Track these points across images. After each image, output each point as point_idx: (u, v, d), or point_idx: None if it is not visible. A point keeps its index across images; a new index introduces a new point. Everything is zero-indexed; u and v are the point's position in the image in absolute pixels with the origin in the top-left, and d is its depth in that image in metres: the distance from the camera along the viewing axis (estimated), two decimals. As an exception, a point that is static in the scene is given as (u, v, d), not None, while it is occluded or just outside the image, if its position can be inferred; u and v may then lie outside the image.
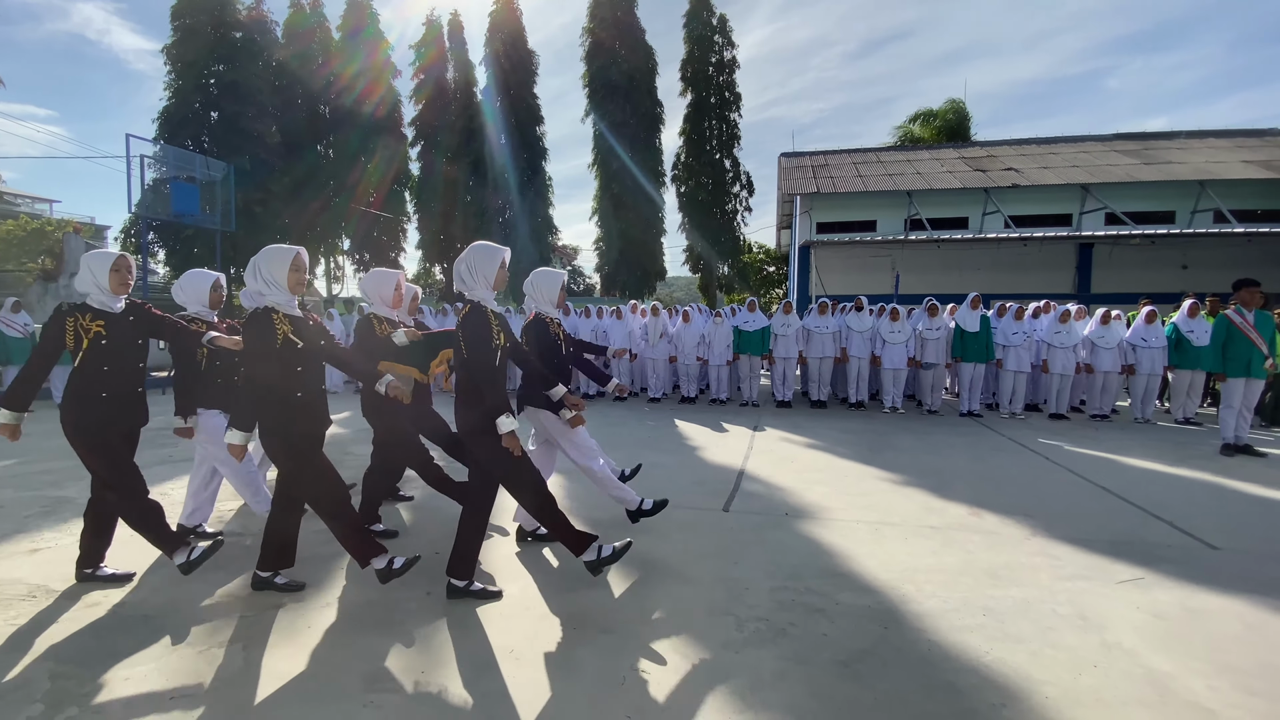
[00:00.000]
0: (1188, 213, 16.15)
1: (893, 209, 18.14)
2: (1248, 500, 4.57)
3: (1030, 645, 2.51)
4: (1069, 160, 18.23)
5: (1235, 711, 2.07)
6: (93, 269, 2.91)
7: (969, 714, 2.09)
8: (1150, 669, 2.33)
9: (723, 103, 21.72)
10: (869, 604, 2.88)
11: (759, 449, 6.34)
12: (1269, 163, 16.58)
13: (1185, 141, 19.15)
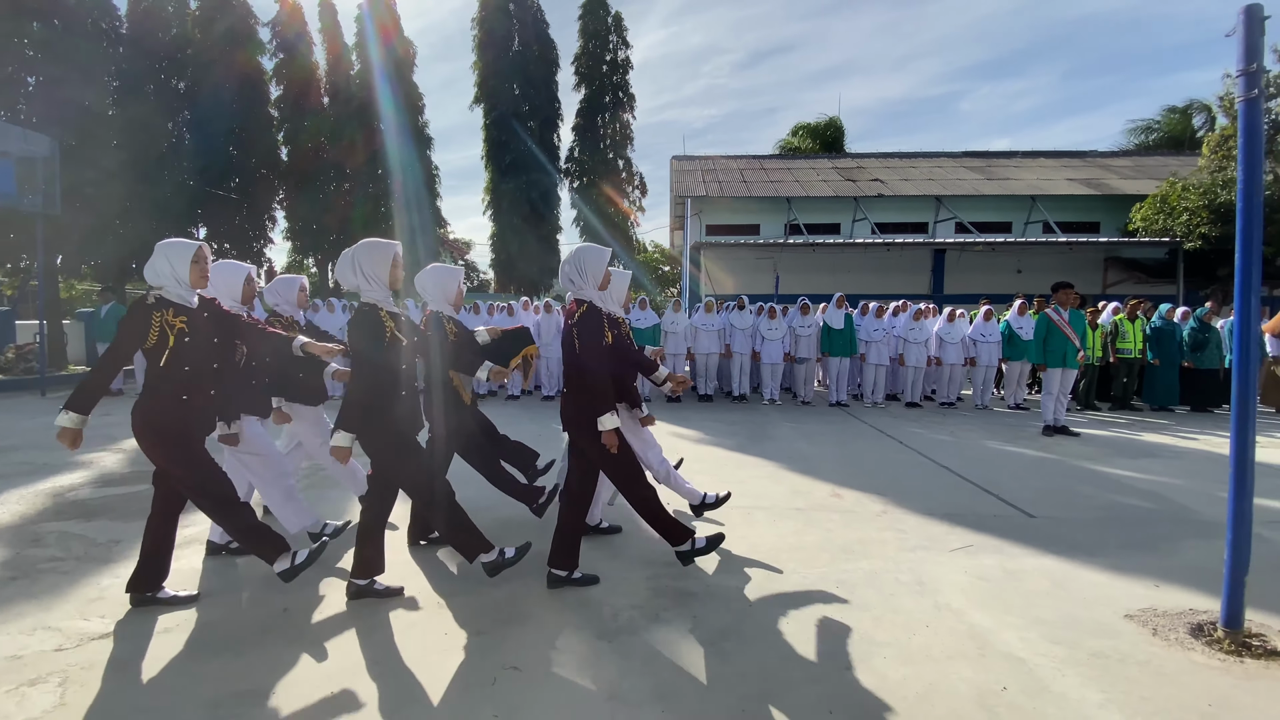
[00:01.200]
0: (1022, 223, 18.44)
1: (775, 214, 19.19)
2: (1062, 473, 5.29)
3: (874, 611, 2.75)
4: (926, 174, 20.18)
5: (1041, 659, 2.39)
6: (171, 259, 2.62)
7: (819, 679, 2.26)
8: (973, 625, 2.64)
9: (616, 102, 21.89)
10: (737, 584, 3.03)
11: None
12: (1089, 180, 19.30)
13: (1022, 160, 21.82)
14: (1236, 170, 7.68)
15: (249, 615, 2.76)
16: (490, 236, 21.94)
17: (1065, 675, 2.25)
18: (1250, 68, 2.42)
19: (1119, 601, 2.84)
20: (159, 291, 2.62)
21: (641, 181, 23.01)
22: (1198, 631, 2.56)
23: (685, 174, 20.94)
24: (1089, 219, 18.43)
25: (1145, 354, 8.72)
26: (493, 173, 21.11)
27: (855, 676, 2.27)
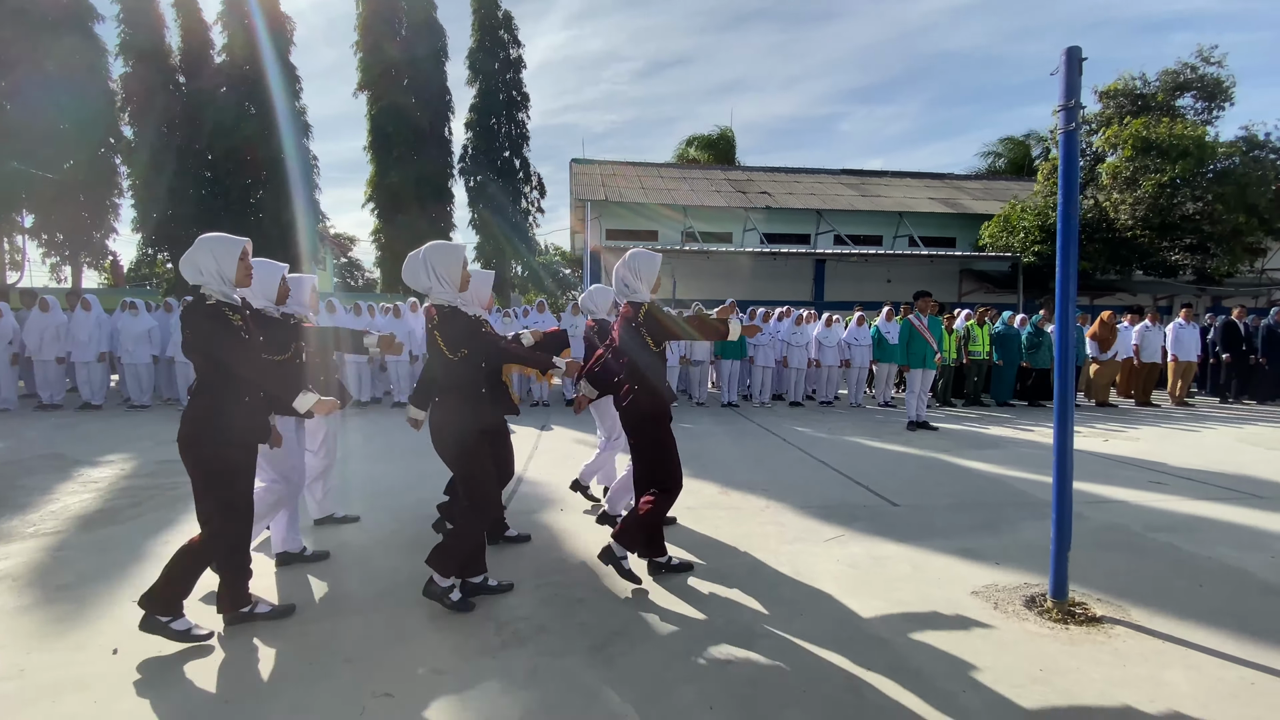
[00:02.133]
0: (891, 237, 20.14)
1: (672, 220, 19.64)
2: (922, 464, 5.79)
3: (756, 604, 2.85)
4: (808, 189, 21.52)
5: (902, 638, 2.58)
6: (216, 256, 2.43)
7: (700, 675, 2.29)
8: (844, 611, 2.80)
9: (511, 101, 21.42)
10: (627, 587, 3.02)
11: (544, 449, 6.35)
12: (946, 200, 21.42)
13: (891, 180, 23.83)
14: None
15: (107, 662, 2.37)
16: (374, 232, 20.64)
17: (921, 652, 2.44)
18: (1069, 104, 2.76)
19: (967, 580, 3.14)
20: (202, 290, 2.44)
21: (540, 182, 22.66)
22: (1031, 603, 2.87)
23: (585, 177, 20.92)
24: (947, 235, 20.48)
25: (991, 355, 9.80)
26: (378, 165, 19.88)
27: (735, 670, 2.32)
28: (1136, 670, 2.33)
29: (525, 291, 23.87)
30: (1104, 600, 2.90)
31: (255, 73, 17.69)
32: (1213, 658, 2.42)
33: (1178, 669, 2.33)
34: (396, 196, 19.61)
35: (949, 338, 9.33)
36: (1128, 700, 2.14)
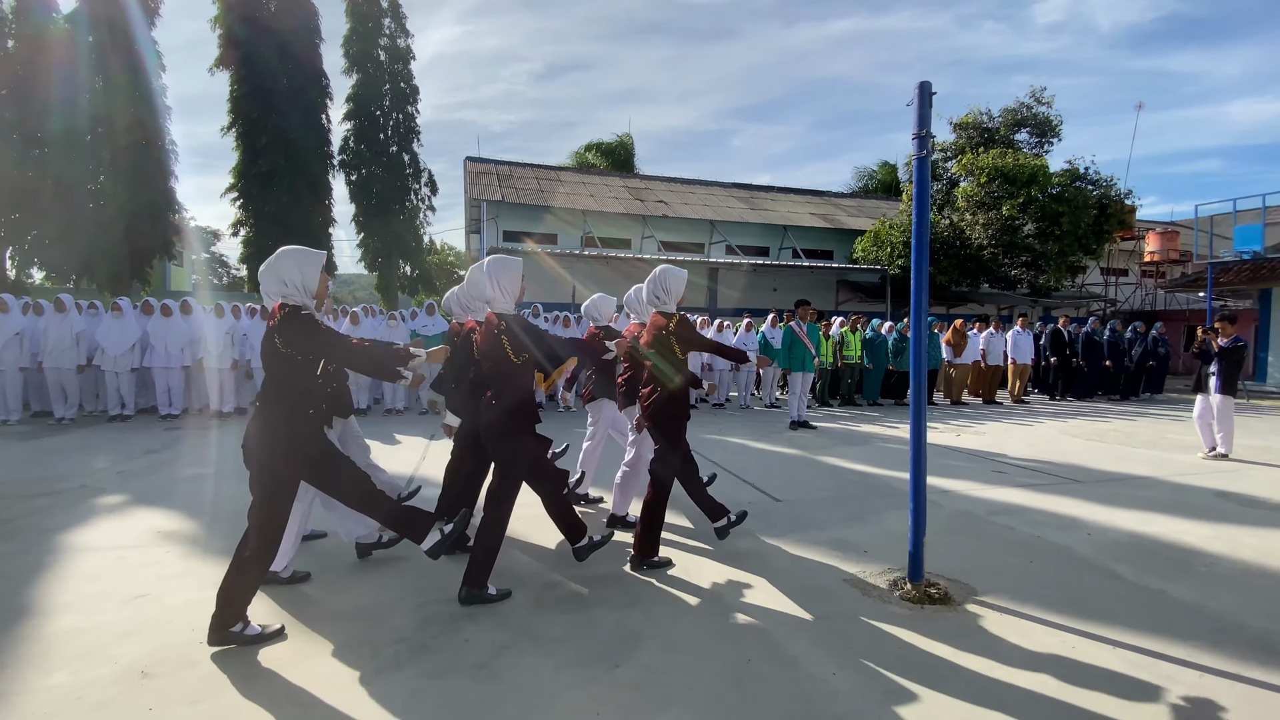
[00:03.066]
0: (777, 249, 21.31)
1: (571, 225, 19.57)
2: (802, 461, 6.15)
3: (644, 605, 2.88)
4: (702, 200, 22.29)
5: (781, 628, 2.71)
6: (303, 268, 2.51)
7: (587, 682, 2.28)
8: (727, 605, 2.91)
9: (399, 94, 20.39)
10: (517, 598, 2.95)
11: (434, 459, 6.08)
12: (825, 215, 22.98)
13: (777, 195, 25.22)
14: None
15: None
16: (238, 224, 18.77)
17: (798, 640, 2.58)
18: (921, 133, 3.05)
19: (840, 569, 3.37)
20: (287, 299, 2.50)
21: (431, 179, 21.74)
22: (894, 586, 3.13)
23: (480, 177, 20.33)
24: (825, 247, 22.00)
25: (863, 359, 10.64)
26: (244, 153, 18.11)
27: (621, 674, 2.33)
28: (979, 641, 2.60)
29: (415, 293, 22.73)
30: (954, 580, 3.21)
31: (104, 41, 15.50)
32: (1041, 625, 2.75)
33: (1013, 637, 2.64)
34: (266, 187, 17.97)
35: (826, 343, 10.02)
36: (972, 667, 2.38)
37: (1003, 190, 15.73)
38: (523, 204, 18.67)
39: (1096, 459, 6.41)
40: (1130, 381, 12.43)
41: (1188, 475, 5.69)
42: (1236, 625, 2.76)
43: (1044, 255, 16.40)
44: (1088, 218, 15.77)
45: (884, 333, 10.80)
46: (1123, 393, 12.32)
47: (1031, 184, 15.51)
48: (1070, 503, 4.72)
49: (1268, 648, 2.56)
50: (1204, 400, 6.67)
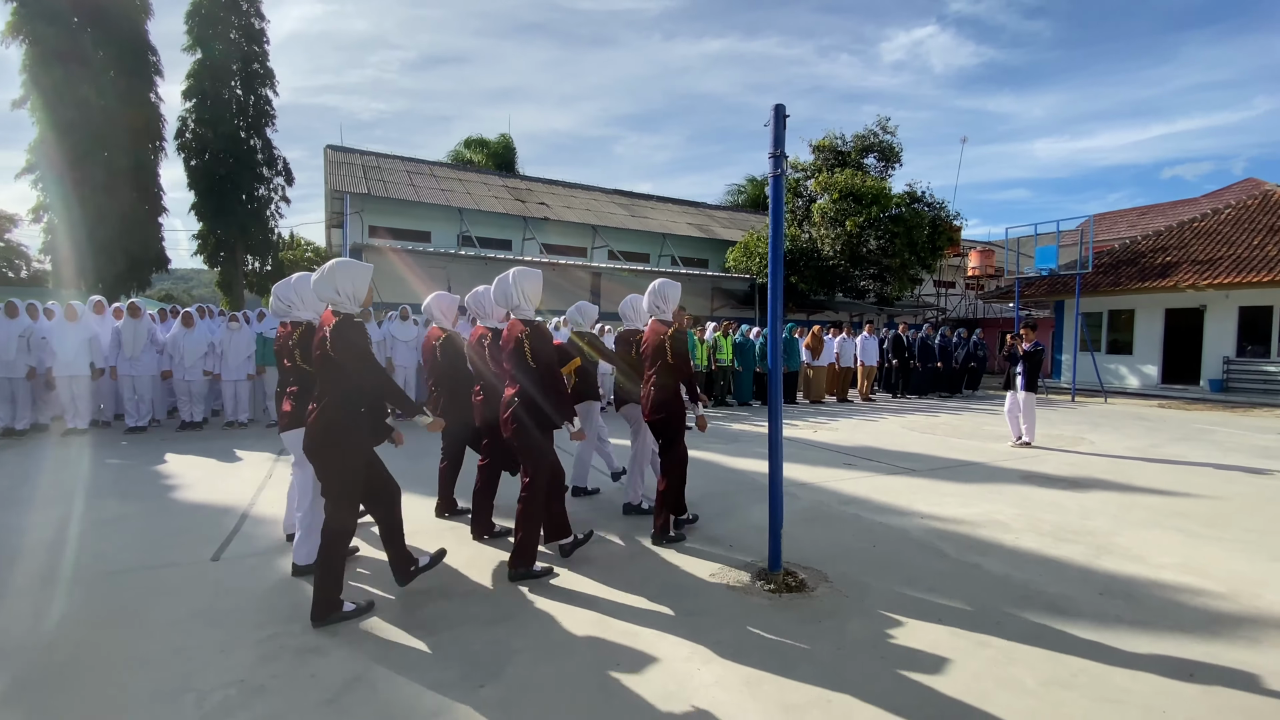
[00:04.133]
0: (657, 255, 21.88)
1: (447, 223, 18.76)
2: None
3: (521, 617, 2.81)
4: (585, 204, 22.35)
5: (646, 628, 2.75)
6: (354, 279, 2.79)
7: (449, 707, 2.17)
8: (599, 611, 2.91)
9: (250, 75, 18.44)
10: (374, 621, 2.75)
11: (279, 477, 5.51)
12: (700, 226, 23.92)
13: (657, 204, 25.90)
14: (786, 226, 10.19)
15: None
16: (39, 209, 15.98)
17: (666, 639, 2.64)
18: (776, 152, 3.26)
19: (707, 565, 3.50)
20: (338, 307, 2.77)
21: (286, 168, 19.85)
22: (756, 578, 3.30)
23: (343, 167, 18.87)
24: (701, 256, 22.94)
25: (734, 362, 11.20)
26: (46, 128, 15.44)
27: (487, 694, 2.25)
28: (829, 624, 2.82)
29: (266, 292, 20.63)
30: (810, 568, 3.46)
31: None
32: (880, 605, 3.03)
33: (855, 618, 2.88)
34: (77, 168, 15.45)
35: (701, 347, 10.42)
36: (821, 649, 2.57)
37: (852, 208, 17.32)
38: (392, 198, 17.60)
39: (929, 449, 7.23)
40: (956, 380, 14.21)
41: (999, 461, 6.58)
42: (1036, 592, 3.22)
43: (888, 268, 18.27)
44: (922, 235, 17.79)
45: (752, 338, 11.43)
46: (950, 390, 14.04)
47: (876, 204, 17.23)
48: (907, 490, 5.27)
49: (1059, 610, 3.01)
50: (1012, 396, 7.76)
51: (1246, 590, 3.25)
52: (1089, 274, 15.74)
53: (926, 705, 2.20)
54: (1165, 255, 16.05)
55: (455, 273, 17.33)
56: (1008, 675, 2.41)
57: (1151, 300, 15.87)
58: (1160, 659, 2.54)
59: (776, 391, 3.36)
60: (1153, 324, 16.10)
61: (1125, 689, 2.33)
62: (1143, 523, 4.41)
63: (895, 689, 2.30)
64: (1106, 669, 2.47)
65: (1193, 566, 3.57)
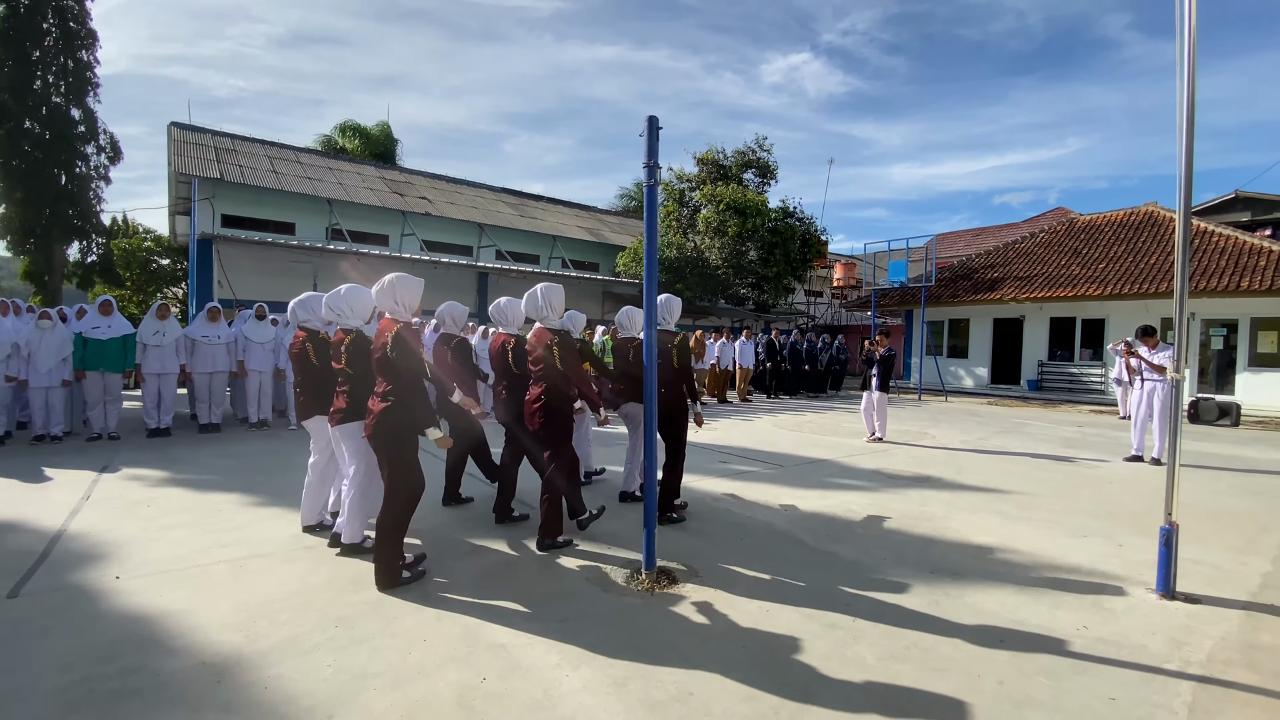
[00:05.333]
0: (547, 257, 21.65)
1: (314, 215, 17.36)
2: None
3: (374, 641, 2.65)
4: (470, 201, 21.63)
5: (520, 639, 2.70)
6: (411, 291, 3.41)
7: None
8: (467, 626, 2.82)
9: (67, 34, 15.93)
10: (201, 660, 2.47)
11: (100, 497, 4.82)
12: (591, 229, 23.97)
13: (547, 205, 25.62)
14: (674, 235, 10.80)
15: None
16: None
17: (535, 647, 2.61)
18: (649, 162, 3.35)
19: (586, 567, 3.51)
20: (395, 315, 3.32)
21: (113, 143, 17.37)
22: (631, 578, 3.36)
23: (191, 148, 16.88)
24: (592, 260, 23.03)
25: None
26: None
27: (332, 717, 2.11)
28: (697, 618, 2.93)
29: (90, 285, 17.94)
30: (683, 564, 3.58)
31: None
32: (745, 595, 3.20)
33: (722, 610, 3.02)
34: None
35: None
36: (689, 642, 2.67)
37: (733, 220, 18.21)
38: (249, 185, 16.00)
39: (796, 447, 7.75)
40: (821, 381, 15.39)
41: (855, 456, 7.20)
42: (882, 574, 3.55)
43: (765, 277, 19.40)
44: (794, 248, 19.08)
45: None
46: (816, 390, 15.18)
47: (754, 217, 18.25)
48: (775, 486, 5.62)
49: (898, 589, 3.34)
50: (868, 396, 8.52)
51: (1048, 564, 3.79)
52: (933, 287, 17.71)
53: (779, 688, 2.36)
54: (994, 272, 18.39)
55: (323, 268, 16.08)
56: (852, 653, 2.64)
57: (983, 311, 18.14)
58: (978, 628, 2.90)
59: (651, 395, 3.45)
60: (984, 331, 18.41)
61: (948, 657, 2.63)
62: (970, 508, 5.02)
63: (752, 675, 2.44)
64: (934, 640, 2.78)
65: (1007, 545, 4.12)
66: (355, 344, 3.54)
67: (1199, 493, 5.59)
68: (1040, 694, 2.37)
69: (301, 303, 4.11)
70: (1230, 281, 12.99)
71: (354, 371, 3.51)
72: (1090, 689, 2.41)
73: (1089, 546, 4.10)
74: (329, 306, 3.70)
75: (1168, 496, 3.31)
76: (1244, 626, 2.97)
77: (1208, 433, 9.71)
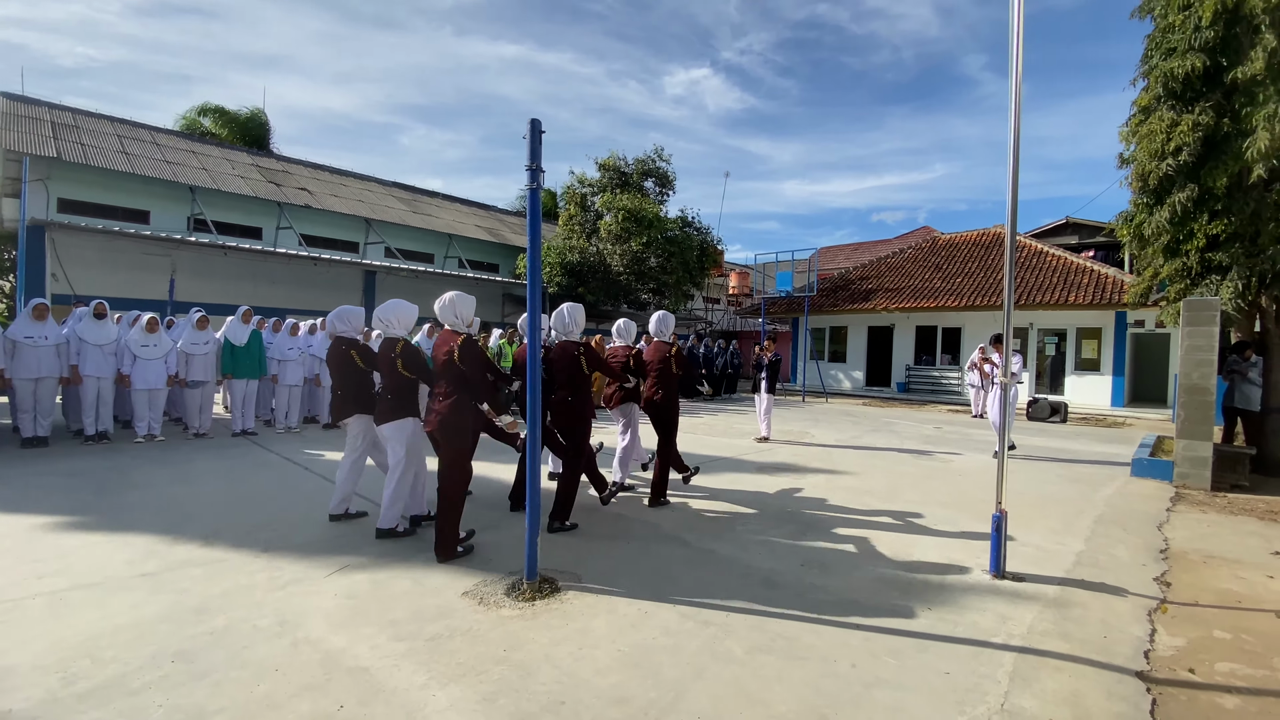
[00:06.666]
0: (442, 256, 20.84)
1: (173, 202, 15.64)
2: (448, 477, 6.05)
3: (215, 676, 2.41)
4: (356, 194, 20.37)
5: (385, 661, 2.56)
6: (468, 306, 3.99)
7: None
8: (328, 651, 2.63)
9: None
10: (6, 709, 2.13)
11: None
12: (490, 230, 23.36)
13: (443, 202, 24.67)
14: (576, 239, 10.73)
15: None
16: None
17: (401, 669, 2.49)
18: (532, 165, 3.31)
19: (462, 582, 3.39)
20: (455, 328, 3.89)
21: (-86, 110, 14.65)
22: (511, 590, 3.29)
23: (25, 122, 14.66)
24: (492, 261, 22.46)
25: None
26: None
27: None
28: (575, 625, 2.92)
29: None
30: (565, 572, 3.56)
31: None
32: (626, 599, 3.23)
33: (601, 615, 3.03)
34: None
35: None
36: (564, 652, 2.65)
37: (634, 228, 18.47)
38: (94, 166, 14.13)
39: (689, 447, 7.95)
40: (716, 383, 15.96)
41: (743, 454, 7.52)
42: (755, 569, 3.72)
43: (666, 284, 19.82)
44: (693, 256, 19.66)
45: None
46: (712, 393, 15.72)
47: (654, 226, 18.61)
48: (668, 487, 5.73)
49: (770, 583, 3.51)
50: (758, 398, 8.93)
51: (903, 551, 4.15)
52: (815, 296, 18.91)
53: (650, 689, 2.40)
54: (868, 284, 19.93)
55: (184, 263, 14.52)
56: (723, 648, 2.74)
57: (859, 319, 19.61)
58: (838, 616, 3.11)
59: (536, 401, 3.40)
60: (860, 338, 19.90)
61: (810, 646, 2.80)
62: (841, 502, 5.39)
63: (625, 679, 2.47)
64: (799, 629, 2.95)
65: (869, 535, 4.46)
66: (407, 351, 4.02)
67: (1029, 482, 6.36)
68: (887, 673, 2.58)
69: (340, 314, 4.57)
70: (1060, 296, 14.90)
71: (411, 376, 4.00)
72: (930, 665, 2.66)
73: (938, 533, 4.53)
74: (378, 318, 4.21)
75: (998, 487, 3.74)
76: (1058, 600, 3.41)
77: (1041, 429, 11.07)
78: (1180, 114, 6.90)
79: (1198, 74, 6.76)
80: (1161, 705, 2.42)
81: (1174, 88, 6.98)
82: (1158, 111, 7.12)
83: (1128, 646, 2.89)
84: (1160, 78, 7.02)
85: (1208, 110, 6.72)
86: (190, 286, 14.31)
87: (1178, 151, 6.86)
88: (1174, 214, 7.01)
